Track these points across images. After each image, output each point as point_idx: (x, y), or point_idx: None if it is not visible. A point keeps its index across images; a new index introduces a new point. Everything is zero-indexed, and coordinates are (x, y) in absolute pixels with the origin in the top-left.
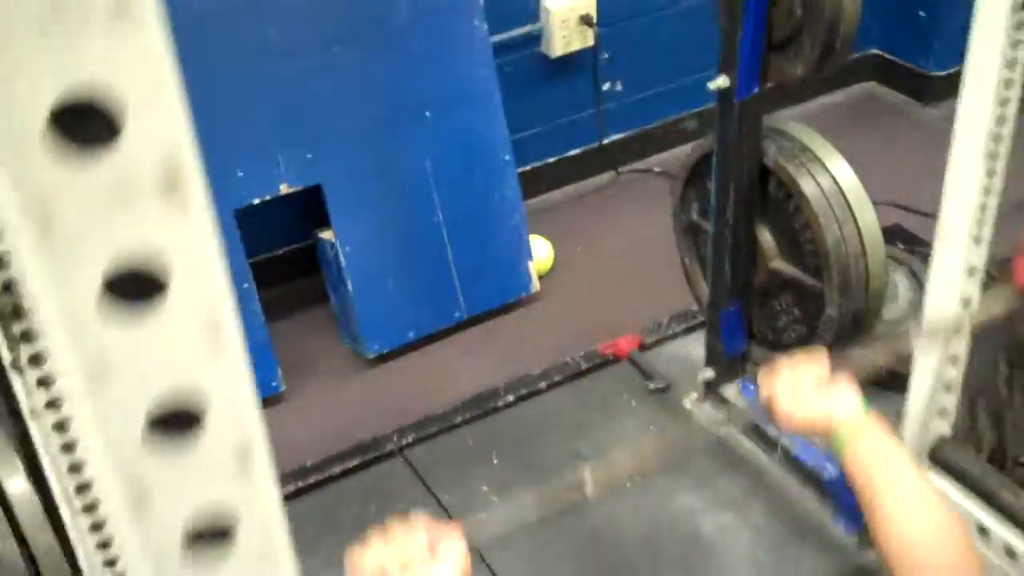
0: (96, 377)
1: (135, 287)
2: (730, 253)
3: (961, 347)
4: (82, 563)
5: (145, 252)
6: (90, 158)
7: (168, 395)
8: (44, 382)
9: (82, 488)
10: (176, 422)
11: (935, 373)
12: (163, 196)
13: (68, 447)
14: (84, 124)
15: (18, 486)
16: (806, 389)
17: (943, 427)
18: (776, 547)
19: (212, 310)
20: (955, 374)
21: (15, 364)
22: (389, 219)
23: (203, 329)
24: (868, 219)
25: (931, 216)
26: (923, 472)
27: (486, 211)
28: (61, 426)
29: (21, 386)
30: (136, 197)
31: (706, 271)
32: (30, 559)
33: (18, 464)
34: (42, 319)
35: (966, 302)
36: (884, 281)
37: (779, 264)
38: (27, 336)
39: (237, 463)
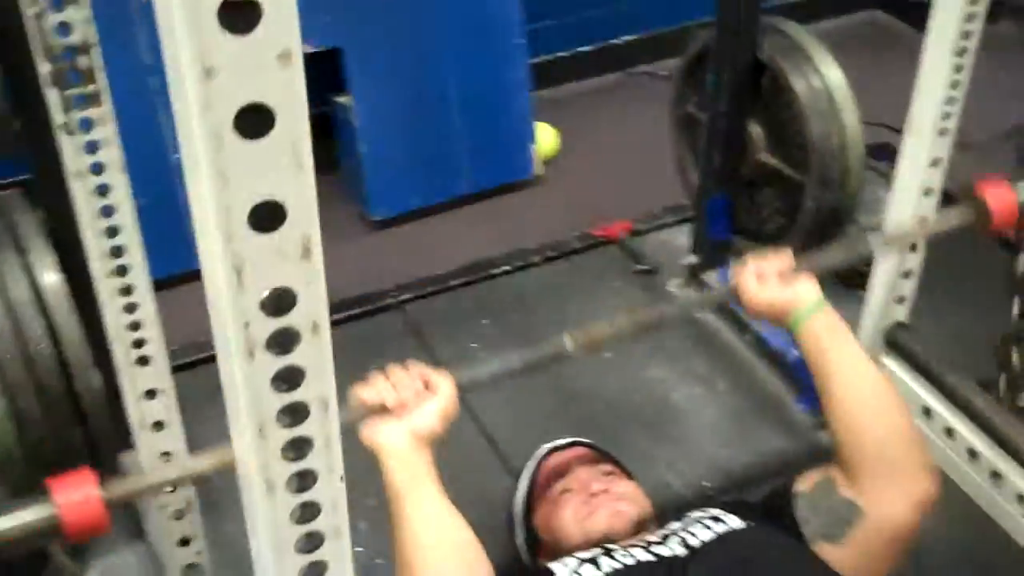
0: None
1: None
2: (720, 143)
3: (915, 261)
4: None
5: None
6: None
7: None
8: None
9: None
10: None
11: (890, 282)
12: None
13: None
14: None
15: (50, 277)
16: (770, 278)
17: (900, 313)
18: (738, 419)
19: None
20: (909, 287)
21: None
22: (403, 88)
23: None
24: (851, 120)
25: None
26: (868, 364)
27: (495, 90)
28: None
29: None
30: None
31: (698, 162)
32: (56, 345)
33: (51, 255)
34: None
35: (922, 220)
36: (862, 179)
37: (765, 156)
38: None
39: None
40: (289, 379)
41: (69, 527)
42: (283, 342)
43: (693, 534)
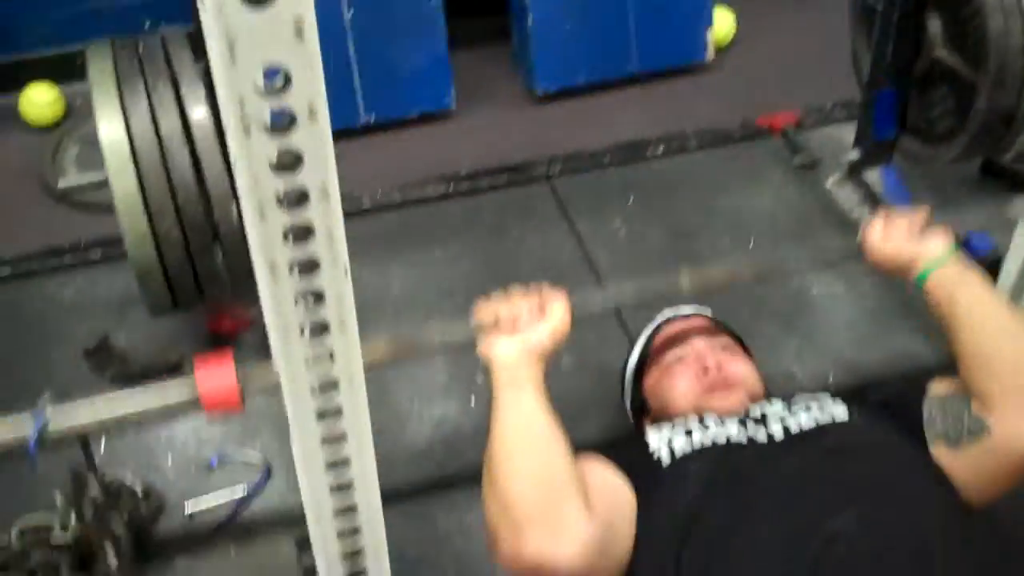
0: None
1: None
2: (895, 34)
3: None
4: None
5: None
6: None
7: None
8: None
9: None
10: None
11: None
12: None
13: None
14: None
15: (200, 111)
16: (899, 231)
17: None
18: (876, 320)
19: None
20: None
21: None
22: None
23: None
24: None
25: None
26: (999, 307)
27: None
28: None
29: None
30: None
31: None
32: (199, 176)
33: (203, 91)
34: None
35: None
36: None
37: (941, 52)
38: None
39: None
40: (287, 163)
41: (207, 405)
42: (279, 124)
43: (796, 421)
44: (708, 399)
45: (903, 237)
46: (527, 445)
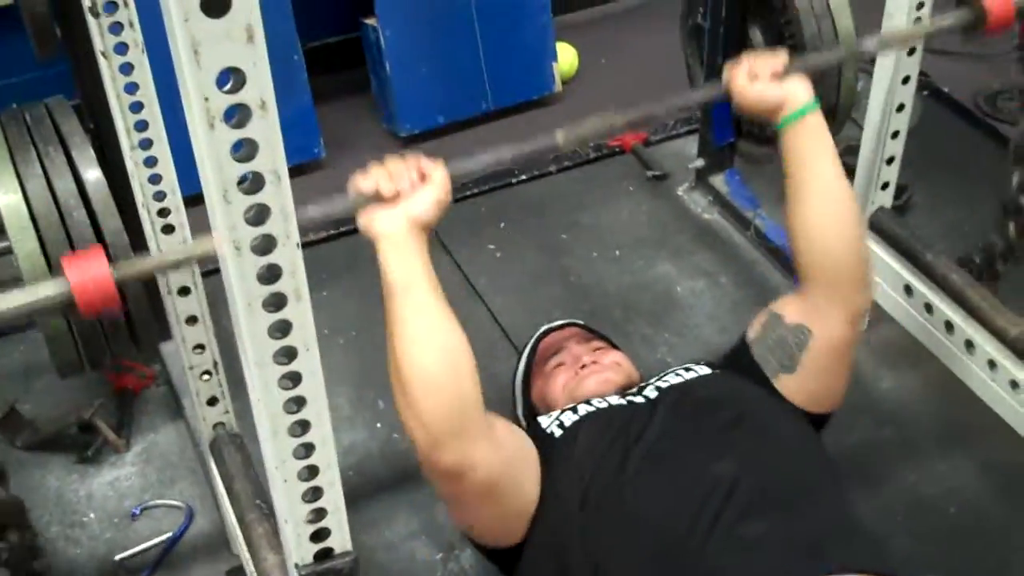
0: None
1: None
2: (723, 47)
3: (897, 148)
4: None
5: None
6: None
7: None
8: None
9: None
10: None
11: (874, 169)
12: None
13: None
14: None
15: (92, 172)
16: (764, 75)
17: (884, 199)
18: (737, 309)
19: None
20: (892, 173)
21: None
22: (427, 8)
23: None
24: (845, 23)
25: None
26: (843, 174)
27: (516, 10)
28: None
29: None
30: None
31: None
32: (99, 235)
33: (92, 153)
34: None
35: (917, 19)
36: (855, 78)
37: None
38: None
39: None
40: (245, 151)
41: (82, 304)
42: (237, 117)
43: (666, 381)
44: (587, 387)
45: (767, 79)
46: (435, 359)
